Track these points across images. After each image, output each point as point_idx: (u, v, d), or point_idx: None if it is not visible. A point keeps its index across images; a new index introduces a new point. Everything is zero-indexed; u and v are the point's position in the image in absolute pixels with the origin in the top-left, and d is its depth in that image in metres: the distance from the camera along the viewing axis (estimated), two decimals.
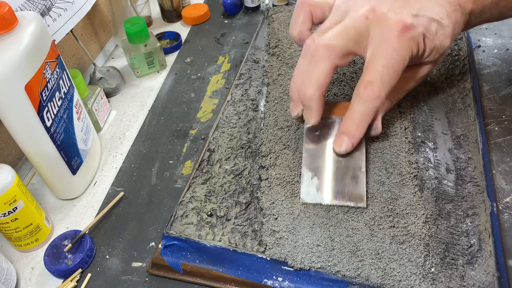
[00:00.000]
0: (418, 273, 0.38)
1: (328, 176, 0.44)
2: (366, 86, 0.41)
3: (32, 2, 0.53)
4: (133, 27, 0.66)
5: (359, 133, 0.43)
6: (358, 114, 0.43)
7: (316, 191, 0.44)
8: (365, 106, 0.42)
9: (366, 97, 0.41)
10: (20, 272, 0.48)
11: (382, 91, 0.41)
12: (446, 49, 0.44)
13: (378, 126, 0.45)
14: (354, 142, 0.43)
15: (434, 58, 0.45)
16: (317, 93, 0.43)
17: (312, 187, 0.44)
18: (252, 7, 0.82)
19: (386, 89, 0.41)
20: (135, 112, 0.65)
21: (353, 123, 0.43)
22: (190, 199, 0.46)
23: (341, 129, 0.44)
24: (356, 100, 0.42)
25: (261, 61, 0.63)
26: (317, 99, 0.43)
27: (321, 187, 0.44)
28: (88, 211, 0.53)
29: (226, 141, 0.52)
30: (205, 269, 0.43)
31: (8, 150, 0.57)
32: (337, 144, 0.44)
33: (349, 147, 0.44)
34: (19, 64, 0.41)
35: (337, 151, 0.44)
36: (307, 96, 0.43)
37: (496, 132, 0.53)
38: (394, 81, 0.42)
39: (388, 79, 0.41)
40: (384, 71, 0.41)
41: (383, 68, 0.41)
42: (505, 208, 0.46)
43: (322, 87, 0.43)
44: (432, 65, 0.47)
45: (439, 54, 0.44)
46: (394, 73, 0.41)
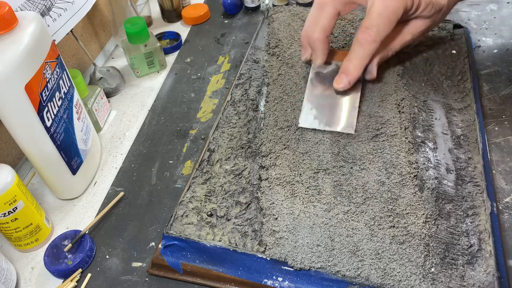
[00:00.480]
0: (418, 273, 0.38)
1: (325, 108, 0.51)
2: (364, 31, 0.47)
3: (32, 2, 0.53)
4: (133, 27, 0.66)
5: (356, 73, 0.50)
6: (355, 56, 0.49)
7: (313, 119, 0.50)
8: (362, 49, 0.48)
9: (362, 41, 0.48)
10: (20, 272, 0.48)
11: (377, 36, 0.47)
12: (443, 6, 0.49)
13: (373, 70, 0.52)
14: (351, 80, 0.50)
15: (429, 14, 0.50)
16: (322, 35, 0.50)
17: (310, 115, 0.51)
18: (252, 7, 0.82)
19: (381, 35, 0.47)
20: (135, 112, 0.65)
21: (351, 64, 0.49)
22: (190, 199, 0.46)
23: (341, 69, 0.50)
24: (355, 44, 0.49)
25: (261, 61, 0.63)
26: (322, 40, 0.50)
27: (318, 116, 0.50)
28: (88, 211, 0.53)
29: (226, 141, 0.52)
30: (205, 269, 0.43)
31: (8, 150, 0.57)
32: (336, 82, 0.51)
33: (346, 84, 0.50)
34: (19, 64, 0.41)
35: (336, 88, 0.51)
36: (313, 38, 0.50)
37: (496, 132, 0.53)
38: (389, 28, 0.47)
39: (383, 27, 0.47)
40: (379, 19, 0.46)
41: (378, 16, 0.46)
42: (505, 208, 0.46)
43: (326, 29, 0.49)
44: (429, 21, 0.51)
45: (435, 11, 0.49)
46: (389, 21, 0.47)
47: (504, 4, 0.74)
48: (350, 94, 0.52)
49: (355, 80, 0.50)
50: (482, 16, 0.71)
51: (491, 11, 0.72)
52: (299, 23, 0.67)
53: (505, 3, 0.74)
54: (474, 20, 0.71)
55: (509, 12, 0.72)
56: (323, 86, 0.53)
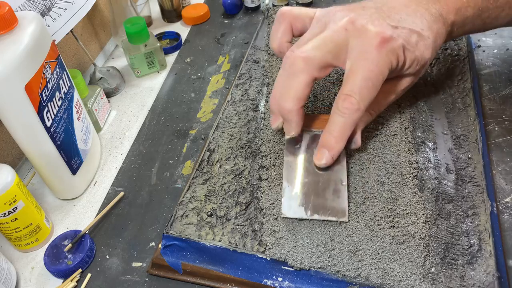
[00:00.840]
0: (418, 273, 0.38)
1: (309, 189, 0.44)
2: (345, 99, 0.41)
3: (32, 2, 0.53)
4: (133, 27, 0.66)
5: (339, 146, 0.43)
6: (337, 127, 0.42)
7: (298, 206, 0.43)
8: (344, 119, 0.41)
9: (344, 110, 0.41)
10: (20, 272, 0.48)
11: (361, 104, 0.41)
12: (427, 60, 0.44)
13: (357, 139, 0.45)
14: (334, 155, 0.43)
15: (415, 70, 0.44)
16: (296, 106, 0.42)
17: (293, 201, 0.43)
18: (252, 7, 0.82)
19: (365, 102, 0.41)
20: (135, 112, 0.65)
21: (332, 137, 0.42)
22: (190, 199, 0.46)
23: (320, 142, 0.44)
24: (335, 113, 0.42)
25: (261, 61, 0.63)
26: (296, 111, 0.43)
27: (303, 202, 0.43)
28: (88, 211, 0.53)
29: (226, 141, 0.52)
30: (205, 269, 0.43)
31: (8, 150, 0.57)
32: (317, 158, 0.44)
33: (329, 160, 0.43)
34: (19, 64, 0.41)
35: (317, 165, 0.44)
36: (286, 109, 0.43)
37: (496, 132, 0.53)
38: (373, 93, 0.41)
39: (367, 92, 0.41)
40: (363, 84, 0.40)
41: (361, 80, 0.40)
42: (505, 208, 0.46)
43: (300, 99, 0.42)
44: (414, 77, 0.46)
45: (420, 66, 0.44)
46: (373, 86, 0.41)
47: None
48: (335, 169, 0.44)
49: (339, 154, 0.43)
50: None
51: None
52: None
53: None
54: None
55: None
56: (301, 159, 0.46)
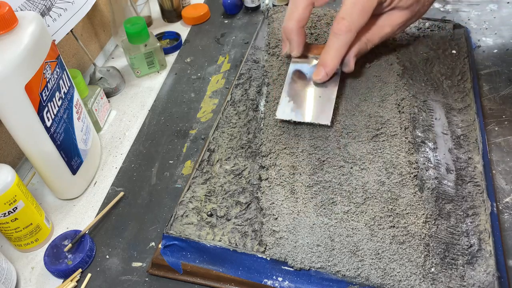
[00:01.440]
0: (418, 273, 0.38)
1: (303, 100, 0.51)
2: (338, 21, 0.47)
3: (32, 2, 0.53)
4: (133, 27, 0.66)
5: (333, 64, 0.50)
6: (332, 47, 0.49)
7: (290, 111, 0.50)
8: (338, 39, 0.48)
9: (338, 31, 0.48)
10: (20, 272, 0.48)
11: (352, 26, 0.47)
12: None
13: (350, 62, 0.51)
14: (328, 72, 0.50)
15: (406, 4, 0.50)
16: (296, 25, 0.49)
17: (287, 107, 0.51)
18: (252, 7, 0.82)
19: (356, 24, 0.47)
20: (135, 112, 0.65)
21: (327, 55, 0.49)
22: (190, 199, 0.46)
23: (318, 61, 0.51)
24: (331, 35, 0.49)
25: (261, 61, 0.63)
26: (297, 31, 0.50)
27: (295, 108, 0.51)
28: (88, 211, 0.53)
29: (226, 141, 0.52)
30: (205, 269, 0.43)
31: (8, 150, 0.57)
32: (314, 74, 0.51)
33: (324, 76, 0.50)
34: (19, 64, 0.41)
35: (314, 80, 0.51)
36: (288, 29, 0.50)
37: (496, 132, 0.53)
38: (363, 17, 0.47)
39: (357, 15, 0.47)
40: (353, 8, 0.47)
41: (352, 5, 0.47)
42: (505, 208, 0.46)
43: (300, 20, 0.49)
44: (407, 12, 0.51)
45: (412, 1, 0.49)
46: (363, 10, 0.47)
47: (504, 4, 0.74)
48: (328, 86, 0.52)
49: (333, 71, 0.50)
50: (482, 16, 0.71)
51: (491, 11, 0.72)
52: None
53: (505, 3, 0.74)
54: (474, 20, 0.71)
55: (509, 12, 0.72)
56: (302, 79, 0.53)
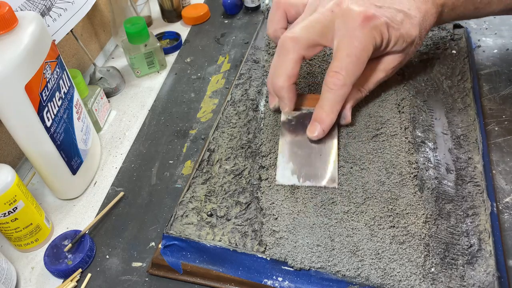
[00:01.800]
0: (418, 273, 0.38)
1: (302, 161, 0.47)
2: (332, 75, 0.44)
3: (32, 2, 0.53)
4: (133, 27, 0.66)
5: (329, 120, 0.46)
6: (327, 102, 0.46)
7: (291, 174, 0.46)
8: (333, 94, 0.45)
9: (332, 86, 0.44)
10: (20, 272, 0.48)
11: (348, 79, 0.44)
12: (414, 38, 0.46)
13: (347, 115, 0.48)
14: (325, 128, 0.47)
15: (401, 48, 0.47)
16: (286, 82, 0.46)
17: (287, 170, 0.46)
18: (252, 7, 0.82)
19: (351, 77, 0.44)
20: (135, 112, 0.65)
21: (323, 111, 0.46)
22: (190, 199, 0.46)
23: (313, 117, 0.47)
24: (325, 89, 0.45)
25: (261, 61, 0.63)
26: (287, 88, 0.47)
27: (295, 171, 0.46)
28: (88, 211, 0.53)
29: (226, 141, 0.52)
30: (205, 269, 0.43)
31: (8, 150, 0.57)
32: (310, 131, 0.47)
33: (321, 133, 0.47)
34: (19, 64, 0.41)
35: (310, 137, 0.47)
36: (278, 86, 0.47)
37: (496, 132, 0.53)
38: (359, 69, 0.44)
39: (353, 68, 0.43)
40: (348, 60, 0.43)
41: (347, 57, 0.43)
42: (505, 208, 0.46)
43: (290, 77, 0.46)
44: (402, 55, 0.48)
45: (407, 44, 0.46)
46: (358, 62, 0.43)
47: None
48: (326, 142, 0.48)
49: (329, 127, 0.47)
50: None
51: None
52: None
53: None
54: (474, 20, 0.71)
55: None
56: (295, 135, 0.49)
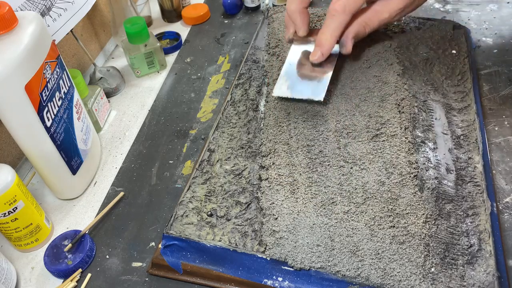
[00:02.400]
0: (418, 273, 0.38)
1: (299, 79, 0.54)
2: (334, 2, 0.50)
3: (32, 2, 0.53)
4: (133, 27, 0.66)
5: (328, 44, 0.52)
6: (327, 27, 0.51)
7: (286, 89, 0.53)
8: (333, 20, 0.50)
9: (333, 12, 0.50)
10: (20, 272, 0.48)
11: (347, 6, 0.49)
12: None
13: (347, 44, 0.53)
14: (324, 52, 0.52)
15: None
16: (299, 5, 0.53)
17: (284, 86, 0.53)
18: (252, 7, 0.82)
19: (351, 4, 0.49)
20: (135, 112, 0.65)
21: (323, 35, 0.52)
22: (190, 199, 0.46)
23: (315, 43, 0.53)
24: (327, 16, 0.51)
25: (261, 61, 0.63)
26: (300, 11, 0.53)
27: (291, 86, 0.53)
28: (88, 211, 0.53)
29: (226, 141, 0.52)
30: (205, 269, 0.43)
31: (8, 150, 0.57)
32: (311, 55, 0.53)
33: (320, 56, 0.52)
34: (19, 64, 0.41)
35: (311, 60, 0.53)
36: (291, 11, 0.53)
37: (496, 132, 0.53)
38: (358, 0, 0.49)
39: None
40: None
41: None
42: (505, 208, 0.46)
43: (302, 1, 0.52)
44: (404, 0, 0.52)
45: None
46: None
47: (504, 4, 0.74)
48: (324, 67, 0.54)
49: (328, 51, 0.52)
50: (482, 16, 0.71)
51: (491, 11, 0.72)
52: None
53: (505, 3, 0.74)
54: (474, 20, 0.71)
55: (509, 12, 0.72)
56: (300, 60, 0.56)
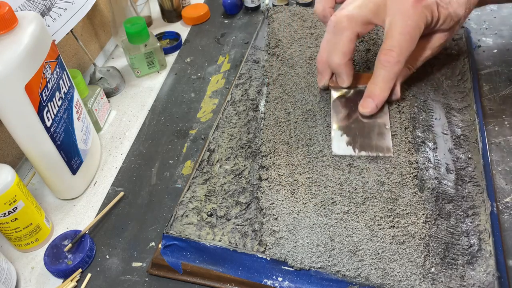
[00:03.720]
0: (418, 273, 0.38)
1: (355, 133, 0.49)
2: (386, 53, 0.46)
3: (32, 2, 0.53)
4: (133, 27, 0.66)
5: (383, 96, 0.48)
6: (380, 79, 0.48)
7: (346, 146, 0.48)
8: (386, 71, 0.47)
9: (386, 63, 0.46)
10: (20, 272, 0.48)
11: (401, 57, 0.46)
12: (461, 17, 0.48)
13: (397, 91, 0.50)
14: (378, 103, 0.49)
15: (448, 26, 0.48)
16: (344, 59, 0.48)
17: (342, 142, 0.48)
18: (252, 7, 0.82)
19: (404, 54, 0.46)
20: (135, 112, 0.65)
21: (376, 87, 0.48)
22: (190, 199, 0.46)
23: (366, 93, 0.49)
24: (378, 67, 0.47)
25: (261, 61, 0.63)
26: (345, 64, 0.49)
27: (350, 142, 0.48)
28: (88, 211, 0.53)
29: (226, 141, 0.52)
30: (205, 269, 0.43)
31: (8, 150, 0.57)
32: (363, 106, 0.49)
33: (374, 108, 0.49)
34: (19, 64, 0.41)
35: (362, 113, 0.50)
36: (336, 63, 0.49)
37: (496, 132, 0.53)
38: (411, 47, 0.46)
39: (406, 45, 0.45)
40: (401, 38, 0.45)
41: (400, 35, 0.45)
42: (505, 208, 0.46)
43: (347, 53, 0.48)
44: (448, 33, 0.50)
45: (454, 22, 0.48)
46: (411, 39, 0.45)
47: (504, 4, 0.74)
48: (378, 117, 0.50)
49: (382, 103, 0.49)
50: (482, 16, 0.71)
51: (491, 11, 0.72)
52: (299, 23, 0.67)
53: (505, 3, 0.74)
54: (474, 20, 0.71)
55: (509, 12, 0.72)
56: (347, 110, 0.51)
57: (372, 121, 0.50)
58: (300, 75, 0.58)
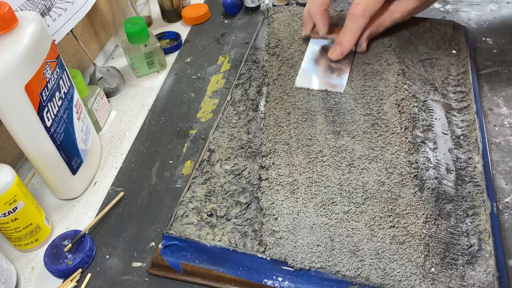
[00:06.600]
0: (418, 273, 0.38)
1: (319, 72, 0.58)
2: (354, 6, 0.54)
3: (32, 2, 0.53)
4: (133, 27, 0.66)
5: (349, 44, 0.57)
6: (348, 29, 0.56)
7: (308, 81, 0.57)
8: (353, 22, 0.55)
9: (353, 15, 0.55)
10: (20, 272, 0.48)
11: (366, 10, 0.54)
12: None
13: (363, 43, 0.59)
14: (344, 51, 0.57)
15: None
16: (320, 8, 0.58)
17: (305, 77, 0.58)
18: (252, 7, 0.82)
19: (370, 9, 0.54)
20: (135, 112, 0.65)
21: (345, 36, 0.57)
22: (190, 199, 0.46)
23: (336, 41, 0.58)
24: (347, 19, 0.56)
25: (261, 61, 0.63)
26: (321, 13, 0.59)
27: (311, 79, 0.57)
28: (88, 211, 0.53)
29: (226, 141, 0.52)
30: (205, 269, 0.43)
31: (8, 150, 0.57)
32: (331, 52, 0.58)
33: (339, 55, 0.57)
34: (19, 64, 0.41)
35: (330, 57, 0.58)
36: (312, 12, 0.59)
37: (496, 132, 0.53)
38: (377, 3, 0.54)
39: (371, 2, 0.54)
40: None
41: None
42: (505, 208, 0.46)
43: (323, 4, 0.58)
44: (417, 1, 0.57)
45: None
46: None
47: (504, 4, 0.74)
48: (342, 62, 0.58)
49: (348, 50, 0.57)
50: (482, 16, 0.71)
51: (491, 11, 0.72)
52: (299, 23, 0.67)
53: (505, 3, 0.74)
54: (474, 20, 0.71)
55: (509, 12, 0.72)
56: (319, 55, 0.60)
57: (336, 65, 0.58)
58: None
